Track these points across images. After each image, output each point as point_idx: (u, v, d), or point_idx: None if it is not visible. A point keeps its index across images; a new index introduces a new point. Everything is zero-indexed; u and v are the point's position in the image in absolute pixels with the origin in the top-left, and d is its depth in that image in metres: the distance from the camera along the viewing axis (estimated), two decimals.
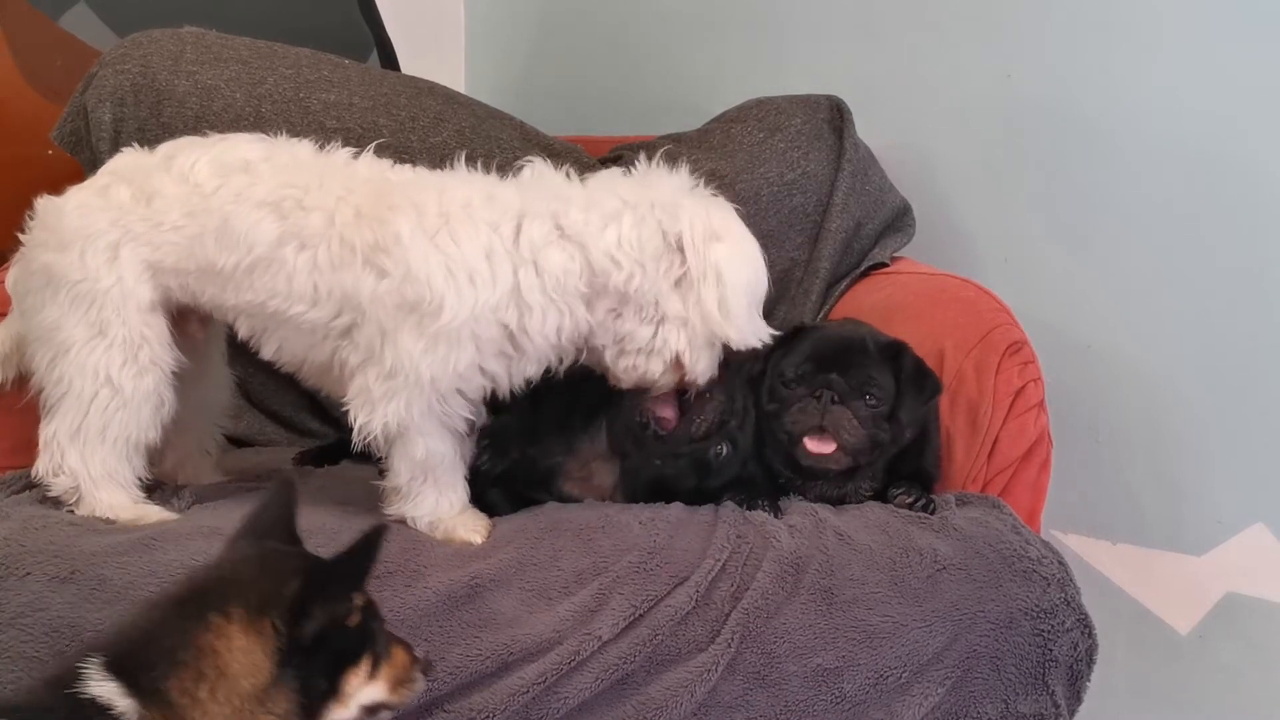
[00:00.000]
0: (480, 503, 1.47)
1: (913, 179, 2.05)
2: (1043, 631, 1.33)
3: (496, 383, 1.40)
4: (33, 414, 1.48)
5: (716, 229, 1.40)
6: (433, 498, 1.41)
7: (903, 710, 1.30)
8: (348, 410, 1.38)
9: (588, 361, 1.46)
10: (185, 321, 1.52)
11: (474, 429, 1.48)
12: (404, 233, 1.34)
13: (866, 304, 1.83)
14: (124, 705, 0.93)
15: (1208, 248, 1.77)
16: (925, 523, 1.42)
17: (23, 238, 1.48)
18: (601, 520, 1.38)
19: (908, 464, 1.56)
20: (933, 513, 1.46)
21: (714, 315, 1.38)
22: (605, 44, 2.51)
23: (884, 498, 1.54)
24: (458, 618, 1.27)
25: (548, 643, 1.26)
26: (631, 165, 1.48)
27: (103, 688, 0.93)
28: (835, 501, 1.53)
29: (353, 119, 1.91)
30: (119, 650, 0.96)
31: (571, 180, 1.44)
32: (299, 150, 1.46)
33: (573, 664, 1.25)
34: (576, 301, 1.37)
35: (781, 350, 1.56)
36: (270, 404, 1.96)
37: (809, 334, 1.58)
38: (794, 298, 1.95)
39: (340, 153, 1.47)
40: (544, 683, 1.24)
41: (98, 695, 0.93)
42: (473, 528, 1.41)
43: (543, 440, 1.53)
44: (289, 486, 1.14)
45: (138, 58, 1.86)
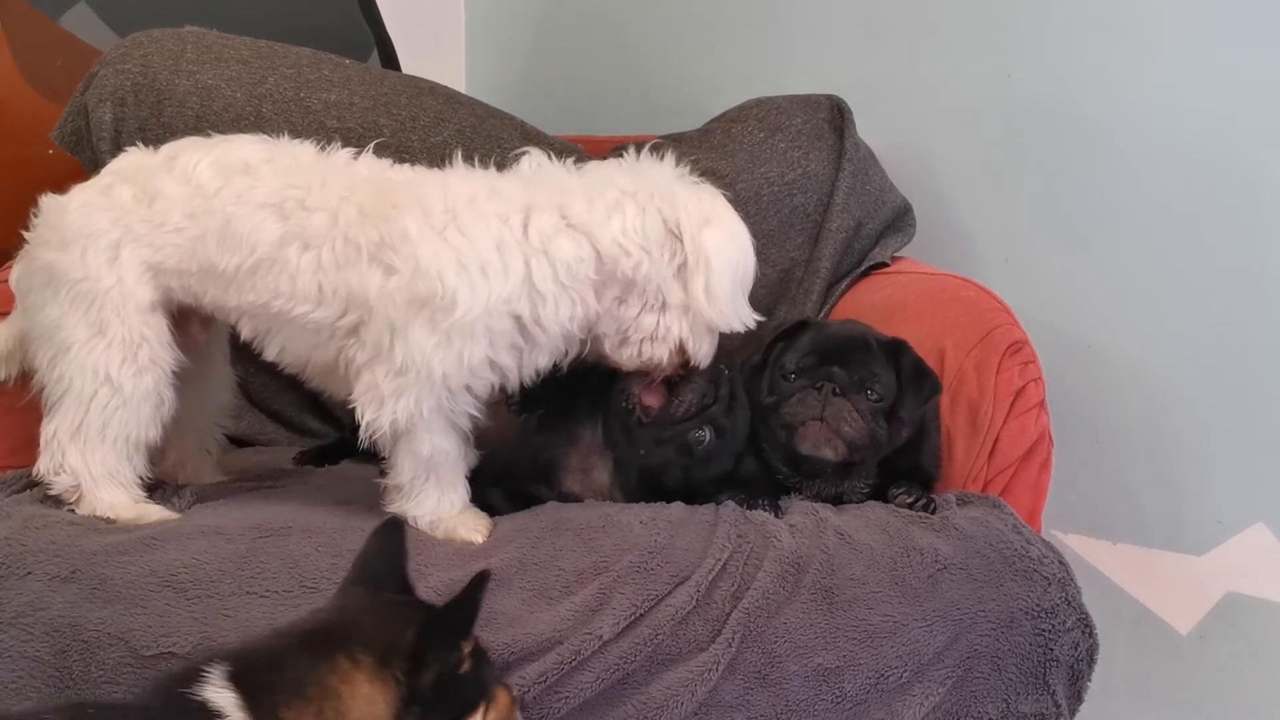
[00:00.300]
0: (480, 502, 1.47)
1: (913, 179, 2.06)
2: (1044, 631, 1.33)
3: (506, 376, 1.40)
4: (33, 414, 1.48)
5: (707, 214, 1.42)
6: (434, 496, 1.41)
7: (903, 710, 1.30)
8: (354, 407, 1.38)
9: (589, 351, 1.47)
10: (187, 322, 1.52)
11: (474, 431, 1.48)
12: (411, 229, 1.34)
13: (867, 303, 1.83)
14: (237, 716, 0.92)
15: (1208, 248, 1.77)
16: (926, 522, 1.42)
17: (26, 235, 1.48)
18: (602, 520, 1.38)
19: (904, 461, 1.55)
20: (933, 512, 1.46)
21: (700, 299, 1.39)
22: (605, 44, 2.51)
23: (884, 497, 1.53)
24: None
25: (548, 642, 1.25)
26: (620, 157, 1.49)
27: (219, 695, 0.93)
28: (832, 499, 1.53)
29: (353, 119, 1.91)
30: (244, 665, 0.96)
31: (571, 172, 1.45)
32: (300, 152, 1.47)
33: (573, 663, 1.24)
34: (588, 289, 1.38)
35: (782, 344, 1.56)
36: (271, 404, 1.96)
37: (810, 329, 1.59)
38: (794, 297, 1.95)
39: (341, 153, 1.47)
40: (545, 682, 1.24)
41: (210, 700, 0.92)
42: (473, 527, 1.41)
43: (546, 430, 1.53)
44: (397, 529, 1.14)
45: (138, 57, 1.86)
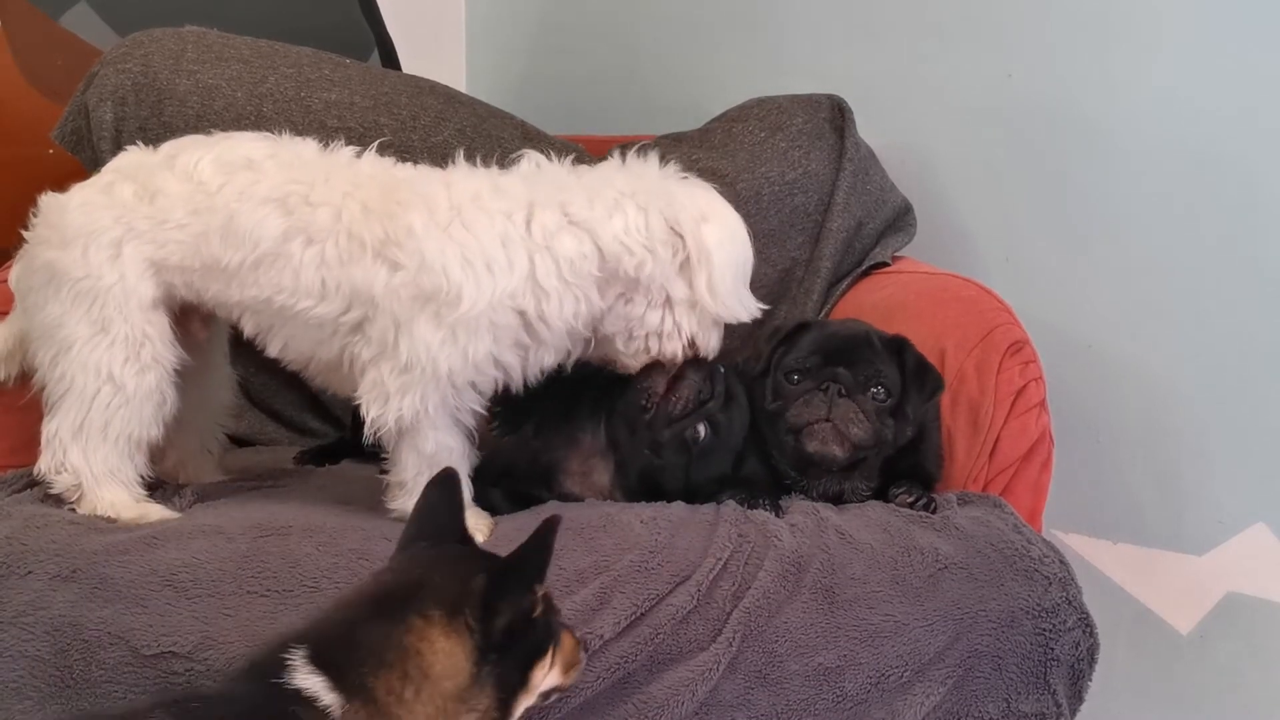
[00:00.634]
0: (481, 502, 1.47)
1: (913, 179, 2.06)
2: (1044, 630, 1.33)
3: (510, 375, 1.40)
4: (34, 413, 1.48)
5: (704, 210, 1.43)
6: None
7: (904, 709, 1.30)
8: (359, 404, 1.38)
9: (595, 353, 1.47)
10: (188, 320, 1.52)
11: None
12: (416, 225, 1.35)
13: (868, 303, 1.83)
14: (330, 700, 0.92)
15: (1208, 248, 1.77)
16: (927, 522, 1.42)
17: (26, 235, 1.48)
18: (603, 519, 1.38)
19: (906, 461, 1.56)
20: (934, 512, 1.46)
21: (704, 294, 1.41)
22: (605, 44, 2.51)
23: (885, 497, 1.53)
24: None
25: None
26: (610, 158, 1.51)
27: (309, 680, 0.92)
28: (834, 498, 1.53)
29: (354, 118, 1.91)
30: (322, 644, 0.95)
31: (570, 171, 1.46)
32: (303, 148, 1.47)
33: None
34: (591, 287, 1.38)
35: (784, 347, 1.56)
36: (271, 403, 1.96)
37: (811, 330, 1.59)
38: (795, 297, 1.95)
39: (344, 151, 1.47)
40: None
41: (304, 688, 0.92)
42: (475, 526, 1.40)
43: (545, 434, 1.53)
44: (452, 481, 1.12)
45: (139, 57, 1.86)
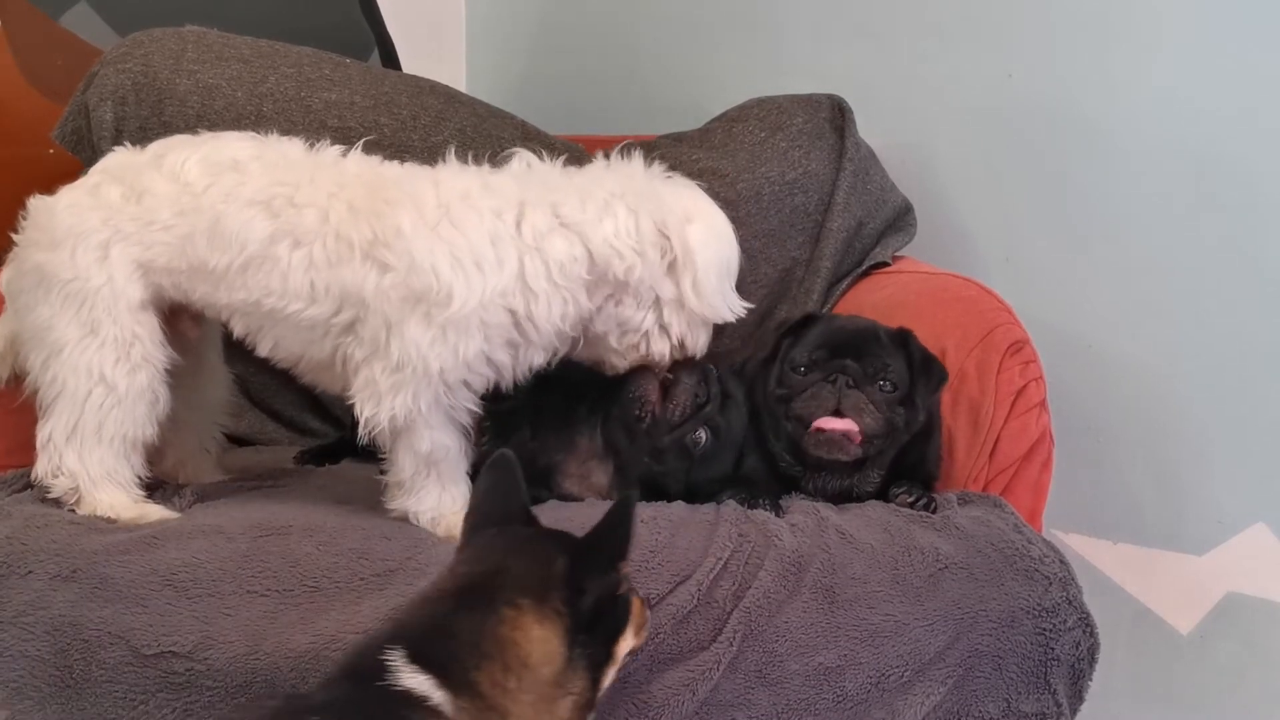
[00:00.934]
0: None
1: (914, 179, 2.06)
2: (1044, 630, 1.33)
3: (501, 374, 1.40)
4: (32, 413, 1.48)
5: (689, 211, 1.44)
6: (436, 492, 1.41)
7: (904, 709, 1.30)
8: (353, 403, 1.38)
9: (585, 353, 1.47)
10: (178, 319, 1.51)
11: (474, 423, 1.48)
12: (405, 225, 1.34)
13: (868, 303, 1.83)
14: (439, 697, 0.92)
15: (1208, 248, 1.77)
16: (927, 522, 1.42)
17: (15, 238, 1.48)
18: None
19: (910, 458, 1.56)
20: (934, 512, 1.46)
21: (689, 294, 1.42)
22: (605, 44, 2.51)
23: (885, 496, 1.53)
24: None
25: None
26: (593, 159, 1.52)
27: (415, 680, 0.92)
28: (840, 494, 1.53)
29: (354, 118, 1.91)
30: (420, 643, 0.95)
31: (561, 171, 1.47)
32: (289, 148, 1.47)
33: None
34: (580, 289, 1.38)
35: (791, 339, 1.57)
36: (271, 403, 1.96)
37: (819, 323, 1.59)
38: (795, 296, 1.95)
39: (330, 150, 1.47)
40: None
41: (412, 688, 0.92)
42: None
43: (542, 436, 1.53)
44: (507, 463, 1.11)
45: (139, 56, 1.86)
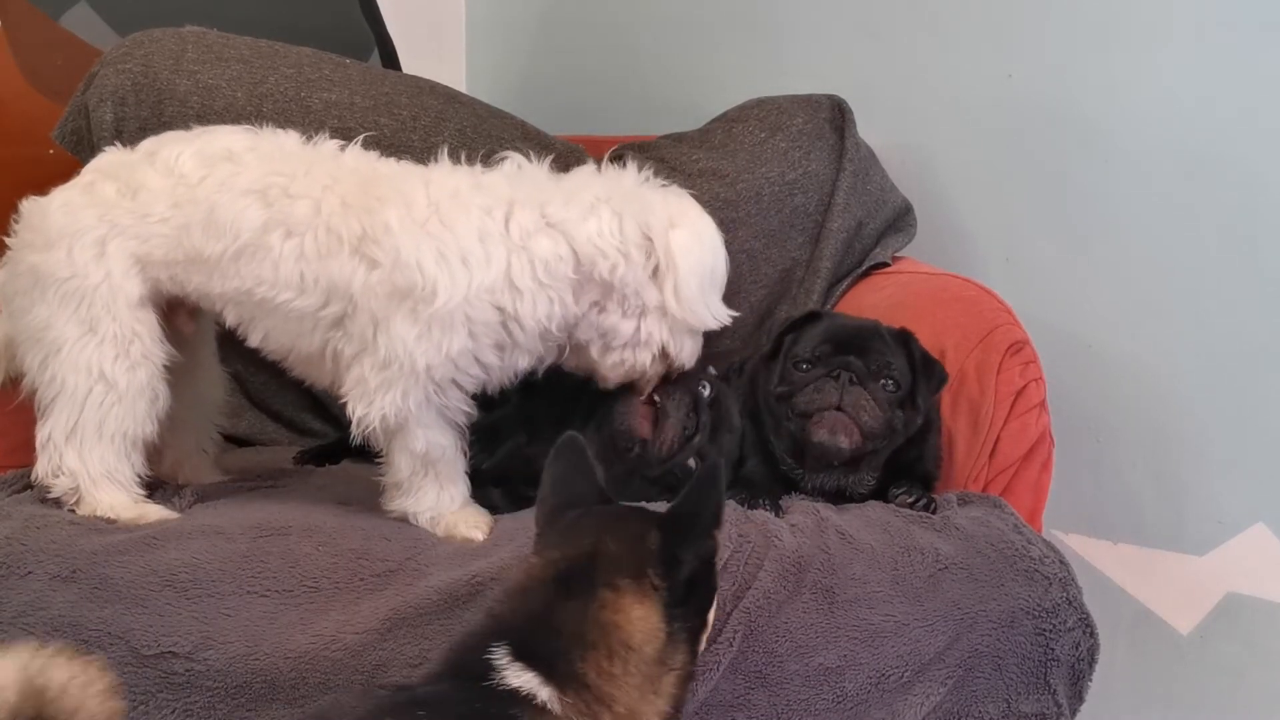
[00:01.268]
0: (481, 502, 1.47)
1: (914, 179, 2.06)
2: (1044, 631, 1.33)
3: (489, 374, 1.40)
4: (32, 413, 1.47)
5: (674, 216, 1.43)
6: (434, 492, 1.41)
7: (904, 709, 1.30)
8: (346, 404, 1.38)
9: (572, 363, 1.47)
10: (175, 315, 1.51)
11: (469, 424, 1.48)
12: (393, 222, 1.35)
13: (868, 303, 1.83)
14: (546, 694, 0.92)
15: (1207, 248, 1.77)
16: (927, 522, 1.42)
17: (9, 241, 1.48)
18: None
19: (908, 457, 1.56)
20: (934, 512, 1.46)
21: (670, 299, 1.41)
22: (605, 44, 2.51)
23: (884, 497, 1.53)
24: (459, 616, 1.27)
25: None
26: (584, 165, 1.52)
27: (522, 678, 0.92)
28: (837, 493, 1.54)
29: (354, 118, 1.91)
30: (522, 638, 0.95)
31: (550, 174, 1.47)
32: (284, 140, 1.47)
33: None
34: (566, 289, 1.38)
35: (793, 335, 1.56)
36: (271, 403, 1.96)
37: (821, 320, 1.59)
38: (795, 297, 1.95)
39: (328, 144, 1.47)
40: None
41: (519, 686, 0.92)
42: (474, 524, 1.41)
43: (538, 441, 1.53)
44: (577, 445, 1.10)
45: (139, 57, 1.86)
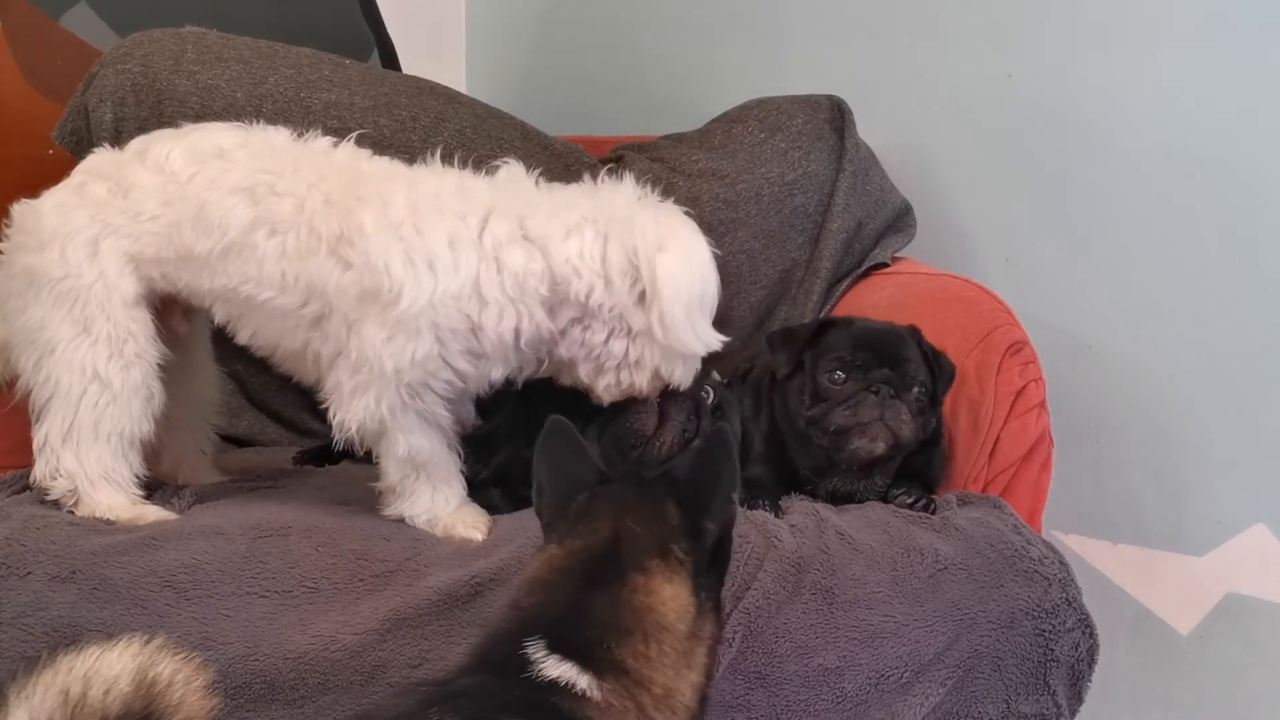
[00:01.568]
0: (481, 502, 1.47)
1: (913, 179, 2.05)
2: (1044, 631, 1.33)
3: (466, 382, 1.39)
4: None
5: (663, 239, 1.39)
6: (428, 495, 1.41)
7: (904, 710, 1.30)
8: (327, 408, 1.39)
9: (567, 380, 1.46)
10: (169, 314, 1.52)
11: (467, 430, 1.48)
12: (368, 224, 1.35)
13: (868, 304, 1.82)
14: (585, 682, 0.92)
15: (1207, 248, 1.77)
16: (926, 522, 1.42)
17: (1, 245, 1.48)
18: None
19: (918, 462, 1.56)
20: (934, 513, 1.46)
21: (655, 325, 1.38)
22: (605, 44, 2.51)
23: (885, 498, 1.53)
24: (459, 617, 1.27)
25: None
26: (582, 179, 1.50)
27: (561, 669, 0.92)
28: (850, 495, 1.53)
29: (354, 119, 1.91)
30: (557, 630, 0.95)
31: (540, 187, 1.45)
32: (274, 137, 1.47)
33: None
34: (536, 305, 1.36)
35: (813, 349, 1.54)
36: (270, 404, 1.96)
37: (838, 327, 1.56)
38: (795, 298, 1.95)
39: (320, 141, 1.47)
40: None
41: (558, 677, 0.92)
42: (472, 524, 1.41)
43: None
44: (563, 427, 1.08)
45: (139, 57, 1.86)
